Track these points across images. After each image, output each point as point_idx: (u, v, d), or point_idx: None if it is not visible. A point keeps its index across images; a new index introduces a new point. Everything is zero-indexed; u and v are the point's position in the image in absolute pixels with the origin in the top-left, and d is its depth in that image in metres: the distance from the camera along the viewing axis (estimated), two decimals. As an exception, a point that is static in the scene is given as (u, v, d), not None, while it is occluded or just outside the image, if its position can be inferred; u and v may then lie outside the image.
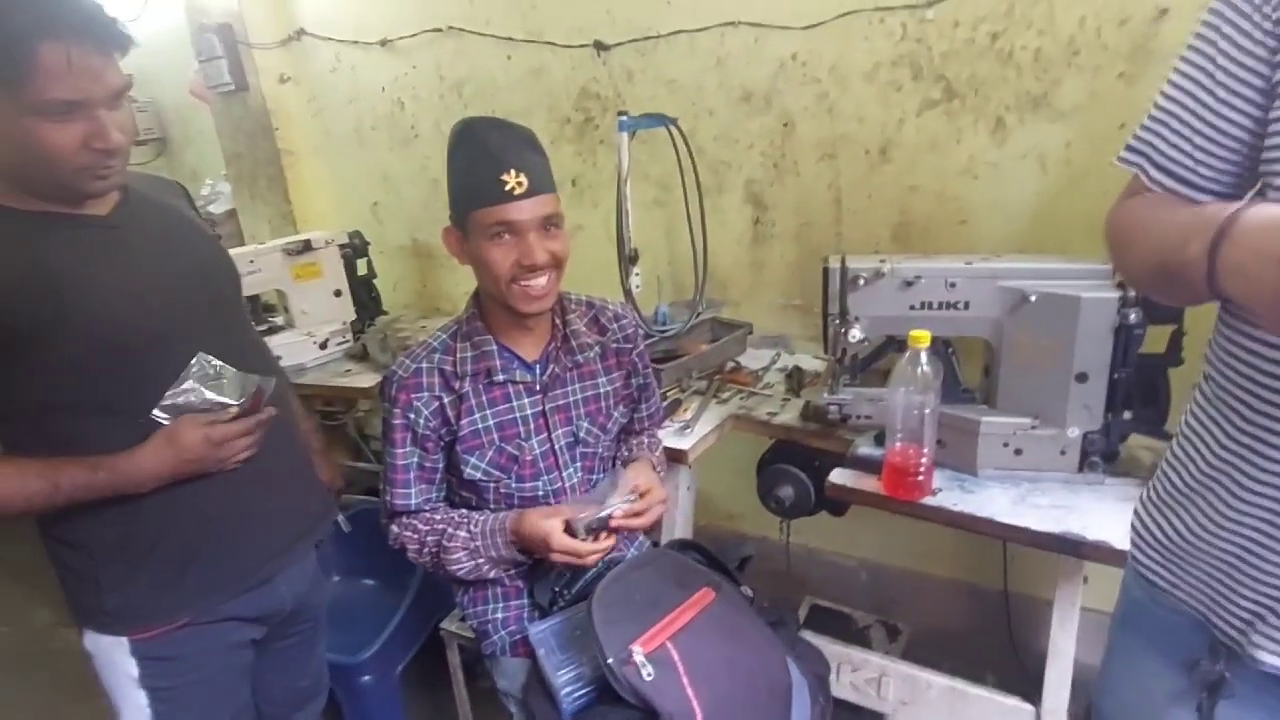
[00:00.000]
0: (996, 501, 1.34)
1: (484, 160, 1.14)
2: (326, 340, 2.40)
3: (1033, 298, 1.31)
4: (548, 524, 1.19)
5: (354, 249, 2.49)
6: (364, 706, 1.90)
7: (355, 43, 2.58)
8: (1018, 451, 1.38)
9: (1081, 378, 1.31)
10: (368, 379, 2.23)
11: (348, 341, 2.44)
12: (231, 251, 2.28)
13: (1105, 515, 1.28)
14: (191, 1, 2.72)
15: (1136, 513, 0.92)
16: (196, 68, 2.80)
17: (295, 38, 2.70)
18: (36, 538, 1.12)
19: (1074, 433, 1.35)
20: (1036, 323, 1.32)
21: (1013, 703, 1.51)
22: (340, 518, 1.51)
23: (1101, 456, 1.36)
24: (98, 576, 1.11)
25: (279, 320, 2.49)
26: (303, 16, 2.67)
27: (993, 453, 1.39)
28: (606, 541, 1.21)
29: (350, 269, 2.47)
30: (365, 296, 2.55)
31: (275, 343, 2.31)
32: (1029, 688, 1.52)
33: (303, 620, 1.36)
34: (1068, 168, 1.66)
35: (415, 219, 2.78)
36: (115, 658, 1.13)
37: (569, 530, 1.19)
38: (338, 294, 2.42)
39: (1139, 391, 1.33)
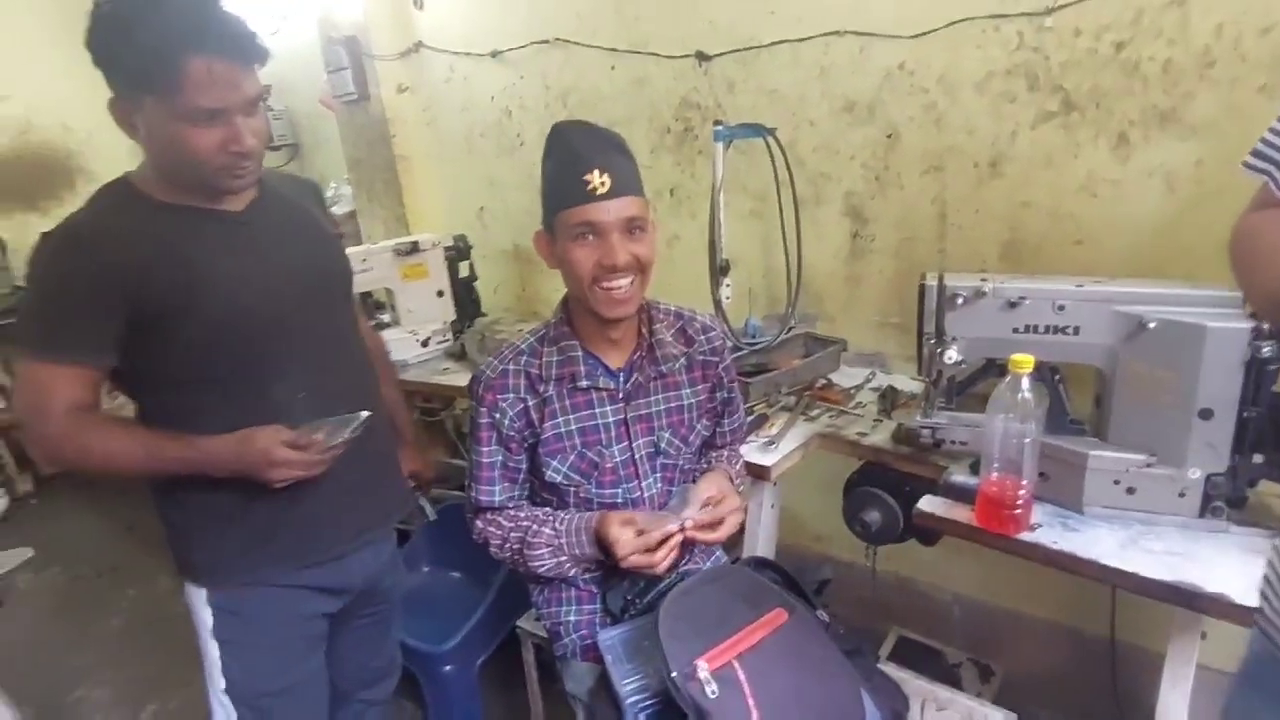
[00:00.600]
0: (1103, 542, 1.24)
1: (569, 161, 1.16)
2: (428, 339, 2.50)
3: (1152, 324, 1.21)
4: (619, 531, 1.19)
5: (458, 251, 2.59)
6: (445, 695, 1.97)
7: (468, 54, 2.69)
8: (1130, 490, 1.28)
9: (1206, 414, 1.20)
10: (465, 378, 2.29)
11: (447, 341, 2.54)
12: (348, 250, 2.44)
13: (1228, 566, 1.16)
14: (324, 15, 2.90)
15: (1272, 564, 0.83)
16: (325, 78, 2.99)
17: (414, 50, 2.84)
18: (132, 394, 1.26)
19: (1195, 474, 1.23)
20: (1156, 352, 1.22)
21: (1113, 761, 1.40)
22: (427, 506, 1.62)
23: (1226, 502, 1.24)
24: (192, 533, 1.25)
25: (385, 317, 2.62)
26: (421, 29, 2.80)
27: (1101, 490, 1.29)
28: (670, 536, 1.20)
29: (454, 271, 2.58)
30: (466, 298, 2.64)
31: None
32: (1133, 746, 1.40)
33: (377, 602, 1.46)
34: (1198, 187, 1.52)
35: (518, 224, 2.86)
36: (197, 607, 1.26)
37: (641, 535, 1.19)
38: (440, 294, 2.52)
39: (1272, 433, 1.20)
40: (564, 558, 1.28)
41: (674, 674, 1.02)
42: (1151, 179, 1.57)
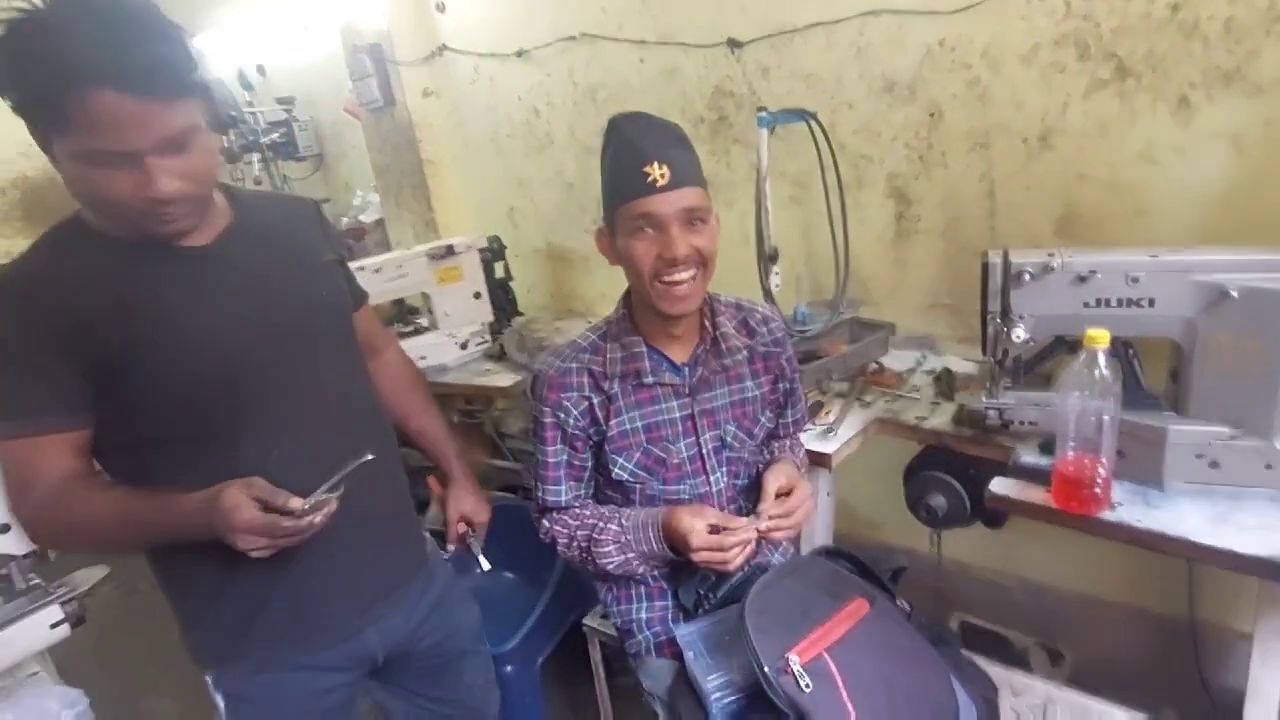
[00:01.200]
0: (1189, 519, 1.21)
1: (627, 154, 1.15)
2: (467, 341, 2.50)
3: (1234, 293, 1.17)
4: (692, 522, 1.18)
5: (492, 253, 2.59)
6: (507, 696, 1.95)
7: (492, 55, 2.68)
8: (1214, 464, 1.24)
9: (1294, 383, 1.16)
10: (505, 378, 2.30)
11: (486, 342, 2.53)
12: (379, 258, 2.45)
13: (1325, 540, 1.12)
14: (347, 24, 2.91)
15: None
16: (351, 87, 3.00)
17: (438, 53, 2.84)
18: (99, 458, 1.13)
19: (1284, 444, 1.20)
20: (1239, 321, 1.18)
21: (1204, 743, 1.36)
22: (480, 555, 1.41)
23: (1319, 472, 1.20)
24: (180, 612, 1.13)
25: (423, 322, 2.62)
26: (444, 33, 2.80)
27: (1183, 465, 1.26)
28: (748, 540, 1.18)
29: (489, 272, 2.57)
30: (503, 299, 2.64)
31: (420, 343, 2.44)
32: (1222, 727, 1.37)
33: (418, 658, 1.29)
34: (1269, 149, 1.47)
35: (550, 223, 2.85)
36: (211, 693, 1.15)
37: (714, 532, 1.18)
38: (477, 296, 2.52)
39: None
40: (631, 554, 1.27)
41: (766, 668, 1.00)
42: (1217, 142, 1.52)
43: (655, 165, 1.13)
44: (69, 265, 0.98)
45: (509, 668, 1.91)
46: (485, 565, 1.41)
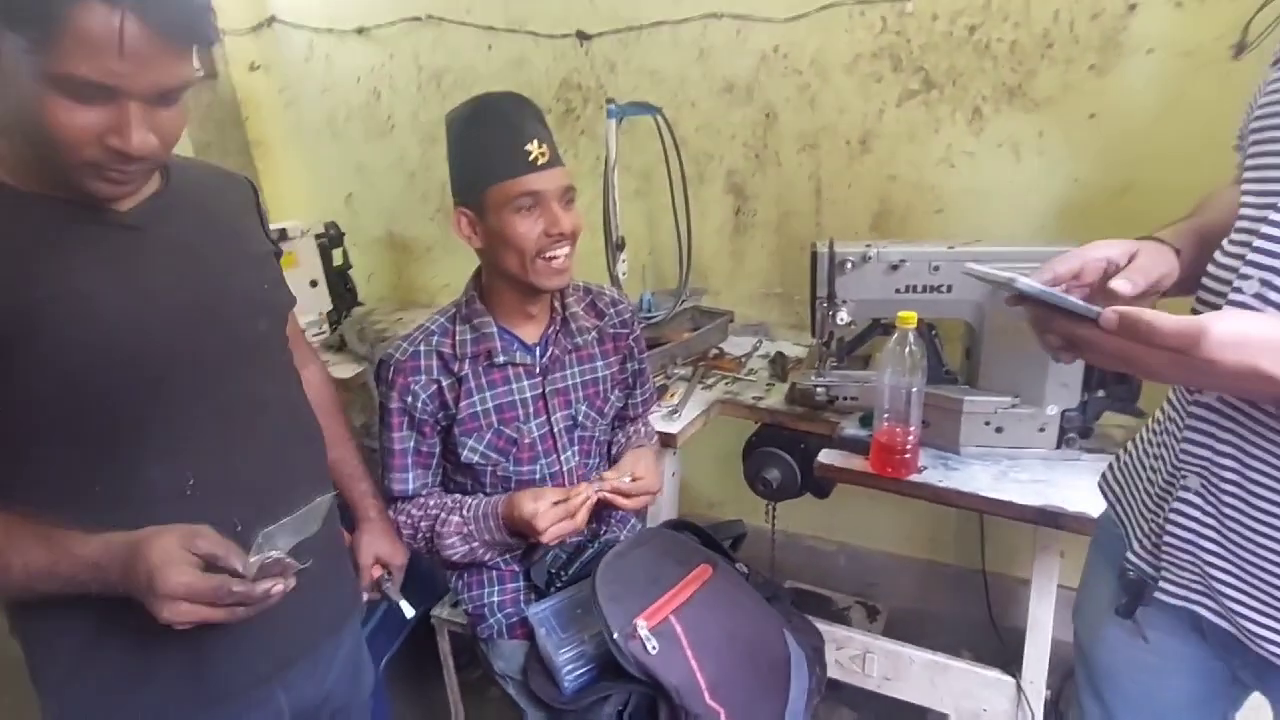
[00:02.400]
0: (979, 478, 1.38)
1: (505, 132, 1.15)
2: (304, 330, 2.36)
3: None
4: (534, 505, 1.19)
5: (330, 239, 2.46)
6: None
7: (330, 31, 2.55)
8: (999, 430, 1.43)
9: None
10: (346, 369, 2.20)
11: (324, 333, 2.41)
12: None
13: (1083, 489, 1.32)
14: (158, -14, 2.65)
15: (1127, 447, 0.99)
16: (163, 55, 2.74)
17: (266, 24, 2.65)
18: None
19: (1052, 410, 1.39)
20: (1017, 305, 1.36)
21: (994, 675, 1.56)
22: (403, 602, 1.26)
23: (1078, 433, 1.41)
24: (42, 674, 0.90)
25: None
26: (274, 3, 2.62)
27: (975, 431, 1.44)
28: (590, 495, 1.22)
29: (326, 259, 2.44)
30: (341, 287, 2.52)
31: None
32: (1009, 661, 1.57)
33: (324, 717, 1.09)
34: (1041, 156, 1.71)
35: (391, 211, 2.75)
36: None
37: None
38: (314, 284, 2.39)
39: (1113, 372, 1.38)
40: (475, 544, 1.27)
41: (615, 635, 1.04)
42: (1001, 149, 1.74)
43: (535, 144, 1.15)
44: None
45: (368, 660, 1.84)
46: (409, 611, 1.27)
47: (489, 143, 1.17)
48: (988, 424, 1.43)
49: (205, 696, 0.92)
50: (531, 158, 1.14)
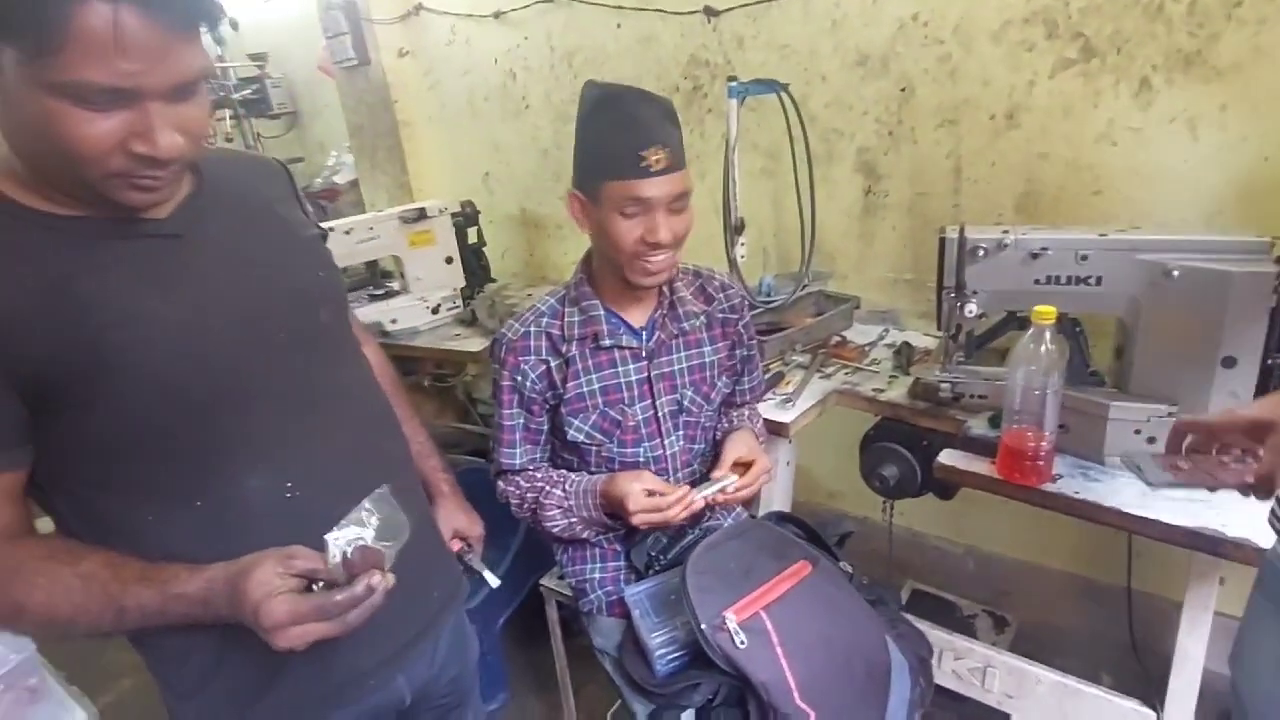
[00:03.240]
0: (1124, 492, 1.25)
1: (629, 131, 1.13)
2: (438, 305, 2.50)
3: (1176, 273, 1.20)
4: (630, 486, 1.19)
5: (465, 217, 2.58)
6: (467, 655, 2.00)
7: (469, 15, 2.64)
8: (1151, 440, 1.28)
9: (1229, 362, 1.20)
10: (476, 343, 2.31)
11: (458, 307, 2.53)
12: (349, 220, 2.43)
13: (1249, 513, 1.16)
14: (320, -21, 2.85)
15: None
16: (324, 44, 2.94)
17: (414, 12, 2.79)
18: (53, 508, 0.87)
19: (1218, 421, 1.23)
20: (1179, 300, 1.21)
21: (1131, 705, 1.42)
22: (486, 571, 1.27)
23: (1250, 449, 1.24)
24: (170, 681, 0.90)
25: (395, 285, 2.61)
26: (421, -8, 2.75)
27: (1122, 440, 1.30)
28: (690, 497, 1.20)
29: (461, 237, 2.56)
30: (475, 264, 2.63)
31: (391, 307, 2.44)
32: (1150, 692, 1.42)
33: (436, 698, 1.11)
34: (1223, 132, 1.50)
35: (524, 189, 2.83)
36: None
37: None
38: (449, 261, 2.51)
39: (1295, 379, 1.20)
40: (574, 519, 1.29)
41: (703, 626, 1.03)
42: (1174, 125, 1.54)
43: (654, 149, 1.12)
44: None
45: (470, 627, 1.95)
46: (494, 581, 1.28)
47: (611, 138, 1.15)
48: (1138, 433, 1.29)
49: (332, 688, 0.92)
50: (646, 164, 1.12)
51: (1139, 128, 1.59)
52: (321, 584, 0.76)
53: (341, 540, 0.75)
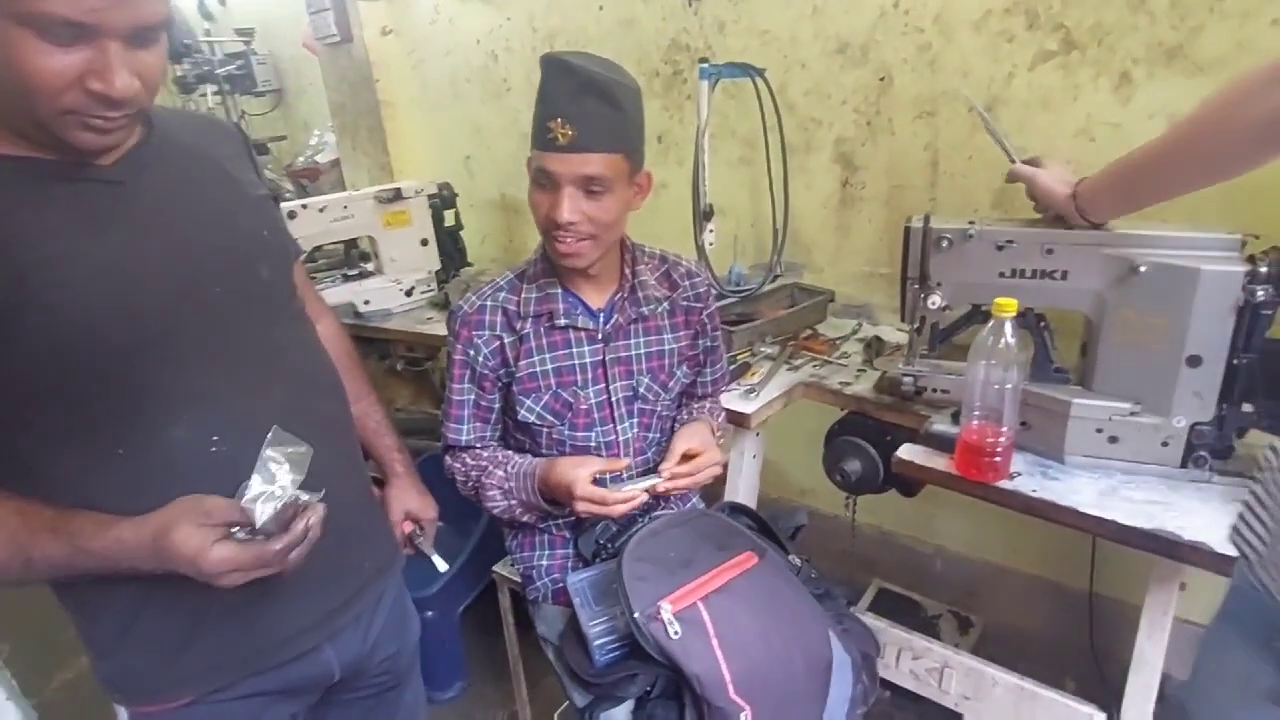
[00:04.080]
0: (1083, 491, 1.22)
1: (542, 102, 1.10)
2: (412, 288, 2.46)
3: (1142, 268, 1.17)
4: (574, 473, 1.15)
5: (442, 200, 2.54)
6: (426, 641, 1.97)
7: (454, -6, 2.60)
8: (1113, 439, 1.25)
9: (1194, 361, 1.16)
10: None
11: (432, 290, 2.50)
12: (324, 198, 2.39)
13: (1209, 516, 1.14)
14: (304, -47, 2.81)
15: (1249, 500, 0.82)
16: (308, 20, 2.90)
17: (398, -11, 2.75)
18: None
19: (1180, 422, 1.20)
20: (1145, 296, 1.18)
21: (1086, 710, 1.39)
22: (435, 556, 1.26)
23: (1210, 452, 1.21)
24: (91, 635, 0.90)
25: (369, 267, 2.58)
26: (406, -32, 2.71)
27: (1084, 439, 1.27)
28: (637, 494, 1.17)
29: (438, 219, 2.52)
30: (451, 247, 2.59)
31: (365, 288, 2.40)
32: (1108, 698, 1.40)
33: (370, 676, 1.10)
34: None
35: (505, 173, 2.80)
36: None
37: (598, 483, 1.16)
38: (424, 243, 2.47)
39: (1264, 381, 1.17)
40: (513, 501, 1.26)
41: (636, 614, 1.00)
42: (1153, 120, 1.51)
43: (559, 122, 1.07)
44: None
45: (429, 613, 1.92)
46: (442, 565, 1.27)
47: (537, 106, 1.12)
48: (1100, 431, 1.26)
49: (254, 650, 0.92)
50: (552, 136, 1.07)
51: (1118, 123, 1.55)
52: (242, 530, 0.78)
53: (259, 496, 0.77)
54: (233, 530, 0.78)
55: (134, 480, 0.80)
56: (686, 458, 1.23)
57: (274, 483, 0.78)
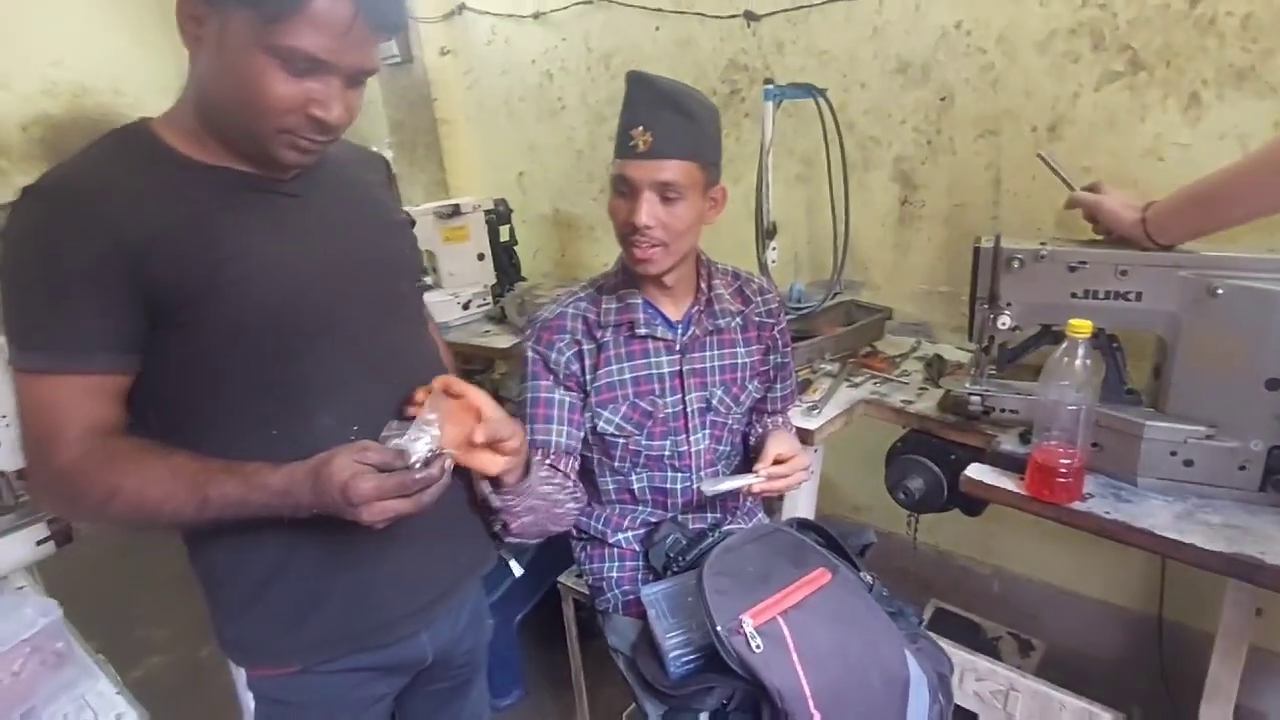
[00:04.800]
0: (1158, 514, 1.21)
1: (625, 113, 1.17)
2: (469, 301, 2.52)
3: (1220, 290, 1.17)
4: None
5: (498, 215, 2.60)
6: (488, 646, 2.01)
7: (510, 16, 2.67)
8: (1187, 462, 1.24)
9: (1273, 384, 1.16)
10: (504, 340, 2.32)
11: (488, 304, 2.55)
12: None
13: (1290, 542, 1.13)
14: (368, -22, 2.90)
15: None
16: (369, 41, 3.00)
17: (457, 12, 2.83)
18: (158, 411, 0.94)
19: (1258, 446, 1.19)
20: (1223, 319, 1.18)
21: (1158, 736, 1.38)
22: (512, 560, 1.26)
23: (1290, 476, 1.20)
24: (219, 601, 0.99)
25: (429, 280, 2.64)
26: (464, -9, 2.79)
27: (1157, 461, 1.26)
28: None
29: (494, 235, 2.58)
30: (506, 262, 2.65)
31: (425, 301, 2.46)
32: (1178, 723, 1.38)
33: (453, 666, 1.18)
34: (1277, 149, 1.46)
35: (558, 189, 2.85)
36: (239, 688, 1.03)
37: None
38: (481, 258, 2.53)
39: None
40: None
41: (719, 628, 1.02)
42: (1224, 141, 1.50)
43: (640, 130, 1.13)
44: (135, 177, 0.85)
45: (488, 621, 1.95)
46: (517, 569, 1.26)
47: (620, 119, 1.18)
48: (1174, 454, 1.25)
49: (364, 629, 1.00)
50: (633, 143, 1.14)
51: (1187, 143, 1.55)
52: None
53: (413, 439, 0.86)
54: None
55: (283, 460, 0.86)
56: (778, 462, 1.25)
57: (423, 435, 0.87)
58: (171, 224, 0.84)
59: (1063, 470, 1.23)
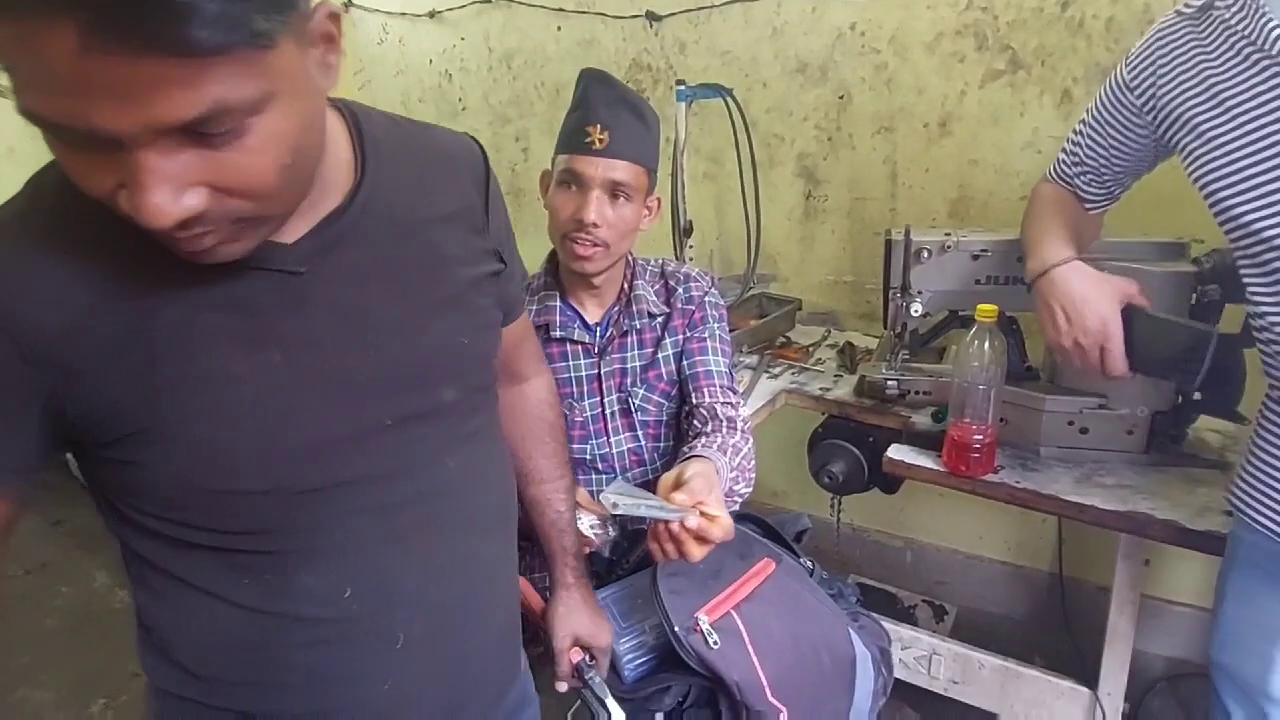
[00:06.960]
0: (1060, 480, 1.32)
1: (580, 108, 1.16)
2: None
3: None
4: None
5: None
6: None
7: (403, 14, 2.58)
8: (1083, 430, 1.36)
9: (1151, 355, 1.28)
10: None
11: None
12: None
13: (1174, 496, 1.25)
14: (242, -28, 2.73)
15: (1248, 457, 0.95)
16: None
17: (343, 9, 2.70)
18: (97, 509, 0.72)
19: (1143, 412, 1.32)
20: (1108, 298, 1.29)
21: (1069, 685, 1.50)
22: (610, 700, 1.03)
23: (1169, 438, 1.33)
24: (157, 708, 0.76)
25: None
26: (351, -13, 2.67)
27: (1057, 431, 1.37)
28: None
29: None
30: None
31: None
32: (1084, 671, 1.50)
33: None
34: (1138, 142, 1.61)
35: (460, 192, 2.78)
36: None
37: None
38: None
39: (1212, 373, 1.29)
40: None
41: (676, 628, 1.03)
42: (1094, 135, 1.64)
43: (597, 128, 1.14)
44: (45, 245, 0.57)
45: None
46: (618, 714, 1.02)
47: (569, 115, 1.18)
48: (1071, 424, 1.36)
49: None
50: (589, 140, 1.14)
51: (1060, 136, 1.68)
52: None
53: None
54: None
55: (259, 609, 0.69)
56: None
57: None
58: (90, 323, 0.57)
59: (977, 446, 1.31)
